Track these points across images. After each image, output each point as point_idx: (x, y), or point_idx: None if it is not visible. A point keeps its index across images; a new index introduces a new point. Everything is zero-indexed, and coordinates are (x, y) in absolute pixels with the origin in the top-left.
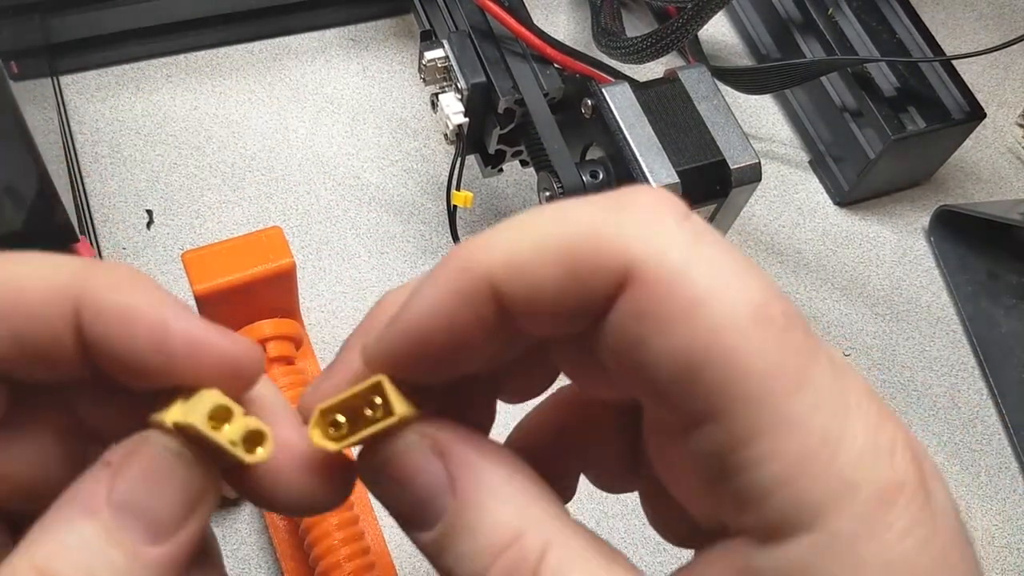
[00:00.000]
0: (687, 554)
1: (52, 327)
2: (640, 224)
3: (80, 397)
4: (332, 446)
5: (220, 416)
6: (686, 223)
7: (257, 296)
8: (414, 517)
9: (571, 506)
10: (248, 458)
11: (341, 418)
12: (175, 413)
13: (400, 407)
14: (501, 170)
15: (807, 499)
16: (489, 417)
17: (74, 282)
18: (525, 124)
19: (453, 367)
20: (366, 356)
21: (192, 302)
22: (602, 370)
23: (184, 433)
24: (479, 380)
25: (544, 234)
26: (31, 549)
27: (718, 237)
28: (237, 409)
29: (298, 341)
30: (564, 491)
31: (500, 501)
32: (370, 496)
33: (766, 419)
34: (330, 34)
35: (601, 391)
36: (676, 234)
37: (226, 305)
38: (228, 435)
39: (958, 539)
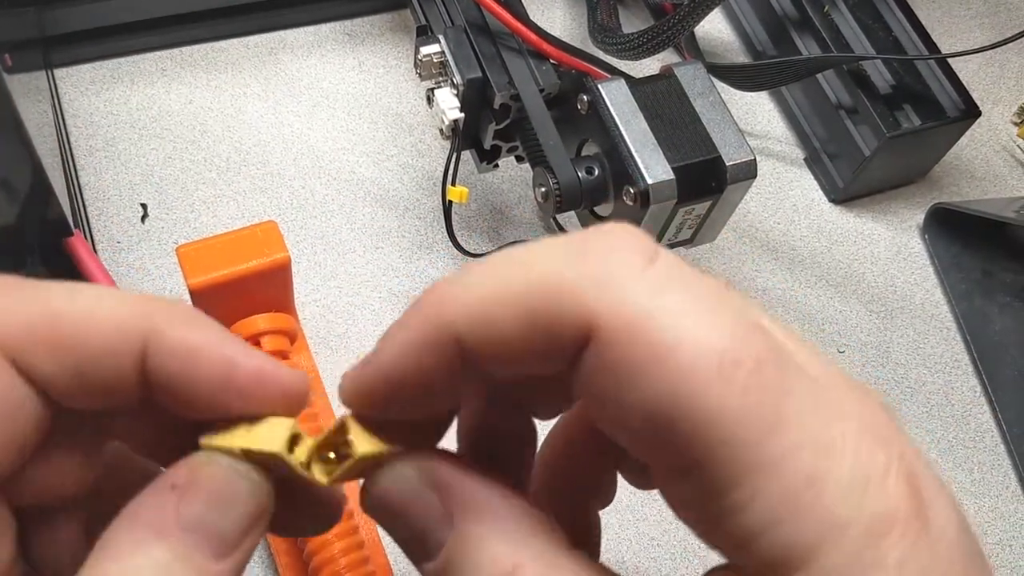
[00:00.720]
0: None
1: (117, 363)
2: (601, 272)
3: (120, 419)
4: (324, 480)
5: (292, 442)
6: (650, 266)
7: (252, 290)
8: (415, 548)
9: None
10: (323, 480)
11: (331, 454)
12: (255, 440)
13: (363, 446)
14: (496, 165)
15: (796, 540)
16: (522, 436)
17: (140, 320)
18: (521, 120)
19: (424, 407)
20: (341, 394)
21: (186, 296)
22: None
23: (251, 455)
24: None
25: (507, 286)
26: (100, 570)
27: (686, 276)
28: (305, 436)
29: (293, 335)
30: (604, 491)
31: (498, 534)
32: None
33: (745, 463)
34: (326, 28)
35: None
36: (638, 281)
37: (220, 299)
38: (298, 458)
39: (963, 561)
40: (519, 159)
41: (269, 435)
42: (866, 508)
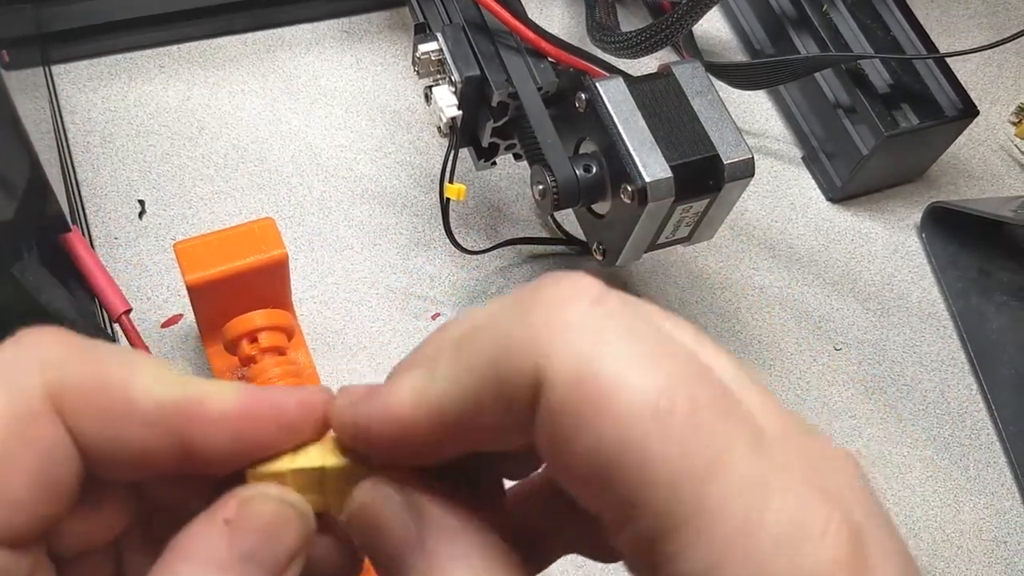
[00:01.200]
0: None
1: (158, 445)
2: (546, 321)
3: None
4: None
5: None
6: (595, 309)
7: (249, 287)
8: (388, 566)
9: None
10: (335, 462)
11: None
12: (303, 460)
13: (326, 459)
14: (494, 163)
15: None
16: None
17: (185, 400)
18: (518, 118)
19: (415, 460)
20: (339, 421)
21: (184, 292)
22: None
23: (297, 479)
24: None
25: (466, 362)
26: None
27: (633, 318)
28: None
29: (290, 332)
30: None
31: (466, 567)
32: None
33: (681, 511)
34: (324, 26)
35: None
36: (582, 326)
37: (218, 295)
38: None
39: None
40: (517, 157)
41: (314, 455)
42: (800, 563)
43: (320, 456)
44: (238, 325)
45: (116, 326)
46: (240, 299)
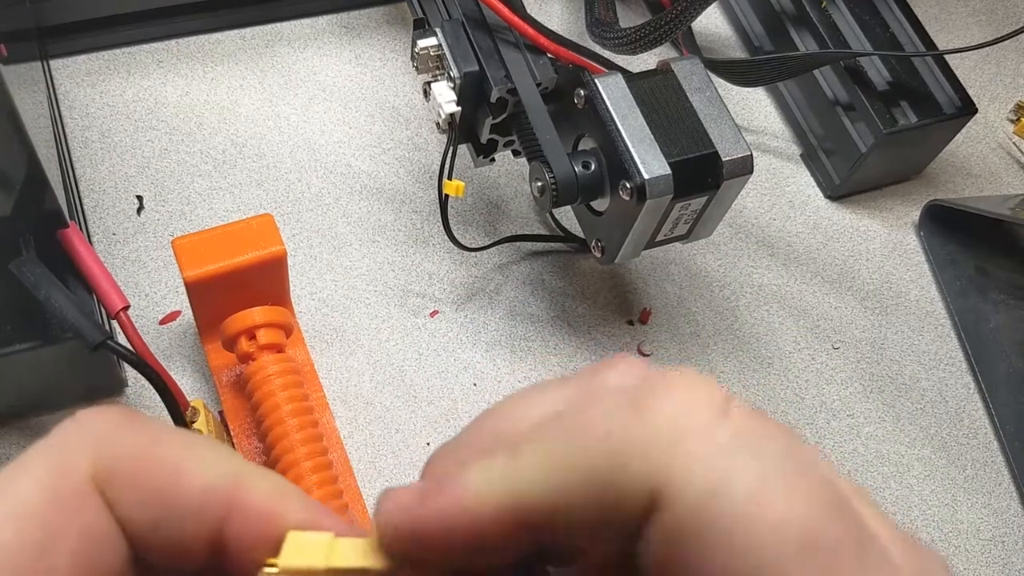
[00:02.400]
0: None
1: (197, 526)
2: (667, 433)
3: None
4: None
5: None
6: (722, 421)
7: (248, 283)
8: None
9: None
10: (378, 564)
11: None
12: (339, 558)
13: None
14: (493, 160)
15: None
16: None
17: (228, 487)
18: (517, 114)
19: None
20: (389, 529)
21: (182, 288)
22: None
23: (339, 573)
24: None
25: (563, 459)
26: None
27: (763, 434)
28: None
29: (288, 329)
30: None
31: None
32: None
33: None
34: (323, 21)
35: None
36: (709, 441)
37: (216, 292)
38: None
39: None
40: (516, 153)
41: (350, 552)
42: None
43: (359, 555)
44: (236, 322)
45: (114, 322)
46: (238, 295)
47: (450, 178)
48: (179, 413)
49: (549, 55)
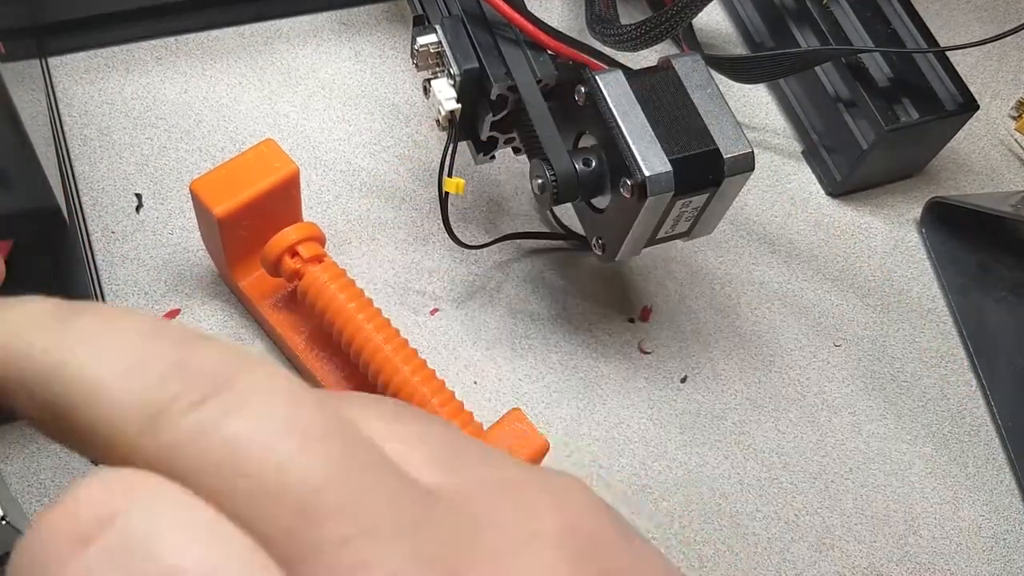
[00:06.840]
0: None
1: None
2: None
3: None
4: None
5: None
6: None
7: (270, 207)
8: None
9: None
10: None
11: None
12: None
13: None
14: (493, 157)
15: None
16: None
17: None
18: (518, 111)
19: None
20: None
21: (181, 286)
22: None
23: None
24: None
25: None
26: None
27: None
28: None
29: (322, 240)
30: None
31: None
32: None
33: None
34: (322, 18)
35: None
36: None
37: (243, 223)
38: None
39: None
40: (516, 151)
41: None
42: None
43: None
44: (276, 245)
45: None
46: (265, 221)
47: (450, 175)
48: None
49: (549, 52)
